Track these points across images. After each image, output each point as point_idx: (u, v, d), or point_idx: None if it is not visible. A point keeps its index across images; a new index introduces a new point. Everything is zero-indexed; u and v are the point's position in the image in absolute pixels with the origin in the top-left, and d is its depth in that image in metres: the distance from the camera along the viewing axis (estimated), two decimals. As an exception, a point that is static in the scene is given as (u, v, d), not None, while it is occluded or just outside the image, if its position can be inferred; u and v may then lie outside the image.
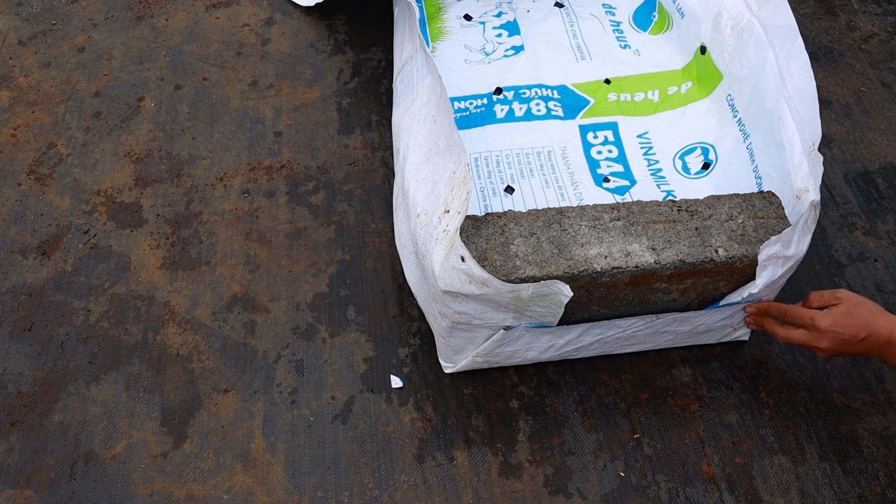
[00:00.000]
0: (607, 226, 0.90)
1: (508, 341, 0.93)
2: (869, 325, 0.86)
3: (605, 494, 0.93)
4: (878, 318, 0.86)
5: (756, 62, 1.05)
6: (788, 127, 0.96)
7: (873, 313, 0.86)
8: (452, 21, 1.32)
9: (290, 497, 0.92)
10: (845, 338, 0.87)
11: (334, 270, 1.12)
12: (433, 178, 0.89)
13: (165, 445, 0.96)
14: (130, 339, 1.05)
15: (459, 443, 0.97)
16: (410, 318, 1.07)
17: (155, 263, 1.13)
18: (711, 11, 1.16)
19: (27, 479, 0.93)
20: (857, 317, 0.86)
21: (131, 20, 1.46)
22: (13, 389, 1.01)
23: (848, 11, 1.50)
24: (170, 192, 1.21)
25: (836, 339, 0.87)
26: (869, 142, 1.29)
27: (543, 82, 1.21)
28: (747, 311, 0.96)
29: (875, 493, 0.93)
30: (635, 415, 0.99)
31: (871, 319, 0.86)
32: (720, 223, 0.91)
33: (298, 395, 1.00)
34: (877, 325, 0.86)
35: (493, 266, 0.85)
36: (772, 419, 0.99)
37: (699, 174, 1.09)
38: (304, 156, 1.26)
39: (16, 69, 1.38)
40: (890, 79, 1.38)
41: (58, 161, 1.25)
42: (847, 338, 0.87)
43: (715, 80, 1.14)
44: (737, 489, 0.93)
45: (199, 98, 1.34)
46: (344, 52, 1.41)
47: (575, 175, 1.09)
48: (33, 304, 1.08)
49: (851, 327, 0.86)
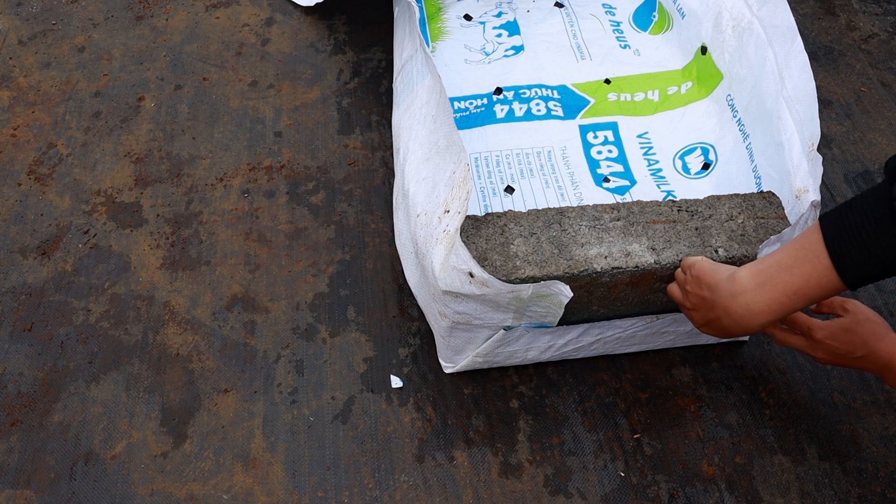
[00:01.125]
0: (607, 226, 0.90)
1: (508, 341, 0.93)
2: (868, 345, 0.82)
3: (605, 494, 0.93)
4: (880, 339, 0.82)
5: (756, 62, 1.05)
6: (788, 127, 0.96)
7: (876, 334, 0.82)
8: (452, 21, 1.32)
9: (290, 497, 0.93)
10: (840, 353, 0.84)
11: (334, 270, 1.12)
12: (433, 178, 0.89)
13: (165, 445, 0.96)
14: (130, 339, 1.05)
15: (459, 443, 0.97)
16: (410, 318, 1.07)
17: (155, 263, 1.13)
18: (712, 12, 1.16)
19: (27, 479, 0.93)
20: (857, 334, 0.83)
21: (131, 20, 1.46)
22: (13, 389, 1.01)
23: (848, 11, 1.50)
24: (170, 192, 1.21)
25: (831, 353, 0.84)
26: (869, 142, 1.29)
27: (543, 82, 1.21)
28: None
29: (875, 493, 0.93)
30: (635, 415, 0.99)
31: (871, 340, 0.82)
32: (720, 223, 0.91)
33: (298, 395, 1.00)
34: (877, 346, 0.82)
35: (494, 266, 0.85)
36: (772, 419, 0.99)
37: (699, 174, 1.09)
38: (304, 156, 1.26)
39: (16, 69, 1.38)
40: (890, 79, 1.38)
41: (58, 161, 1.25)
42: (842, 353, 0.84)
43: (715, 81, 1.14)
44: (737, 489, 0.93)
45: (199, 98, 1.34)
46: (344, 52, 1.41)
47: (575, 175, 1.09)
48: (33, 304, 1.08)
49: (848, 343, 0.83)
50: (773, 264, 0.74)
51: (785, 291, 0.73)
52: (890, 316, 1.09)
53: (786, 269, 0.73)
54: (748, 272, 0.77)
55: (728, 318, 0.78)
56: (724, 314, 0.79)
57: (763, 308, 0.75)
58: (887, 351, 0.81)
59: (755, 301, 0.75)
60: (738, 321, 0.78)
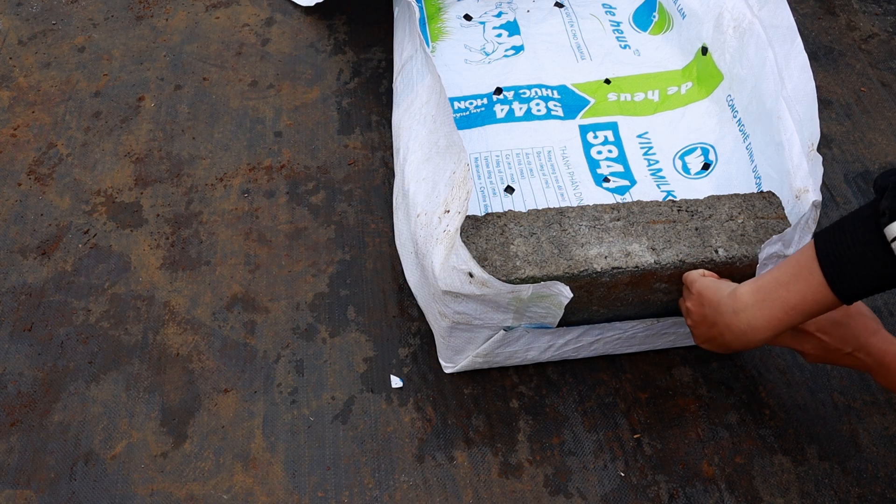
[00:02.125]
0: (607, 226, 0.90)
1: (508, 342, 0.93)
2: (859, 340, 0.81)
3: (605, 494, 0.93)
4: (872, 334, 0.81)
5: (756, 63, 1.05)
6: (788, 127, 0.96)
7: (868, 329, 0.81)
8: (452, 21, 1.32)
9: (290, 497, 0.93)
10: (830, 348, 0.83)
11: (334, 270, 1.12)
12: (433, 178, 0.89)
13: (165, 445, 0.96)
14: (130, 339, 1.05)
15: (459, 443, 0.97)
16: (410, 318, 1.07)
17: (155, 263, 1.13)
18: (713, 12, 1.16)
19: (27, 479, 0.93)
20: (848, 328, 0.82)
21: (131, 20, 1.46)
22: (13, 389, 1.01)
23: (848, 11, 1.50)
24: (170, 192, 1.21)
25: (821, 347, 0.83)
26: (869, 142, 1.29)
27: (543, 82, 1.21)
28: None
29: (875, 493, 0.93)
30: (635, 415, 0.99)
31: (862, 335, 0.81)
32: (720, 223, 0.91)
33: (298, 395, 1.00)
34: (868, 342, 0.81)
35: (494, 266, 0.85)
36: (772, 419, 0.99)
37: (699, 174, 1.09)
38: (304, 156, 1.26)
39: (16, 69, 1.38)
40: (890, 79, 1.38)
41: (58, 161, 1.25)
42: (832, 348, 0.83)
43: (716, 81, 1.14)
44: (737, 489, 0.93)
45: (199, 98, 1.34)
46: (344, 52, 1.41)
47: (575, 175, 1.09)
48: (33, 304, 1.08)
49: (838, 338, 0.82)
50: (772, 280, 0.75)
51: (783, 307, 0.74)
52: (890, 316, 1.09)
53: (783, 286, 0.74)
54: (748, 288, 0.78)
55: (730, 333, 0.79)
56: (727, 330, 0.80)
57: (764, 324, 0.76)
58: (878, 347, 0.81)
59: (756, 317, 0.76)
60: (739, 337, 0.79)
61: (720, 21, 1.14)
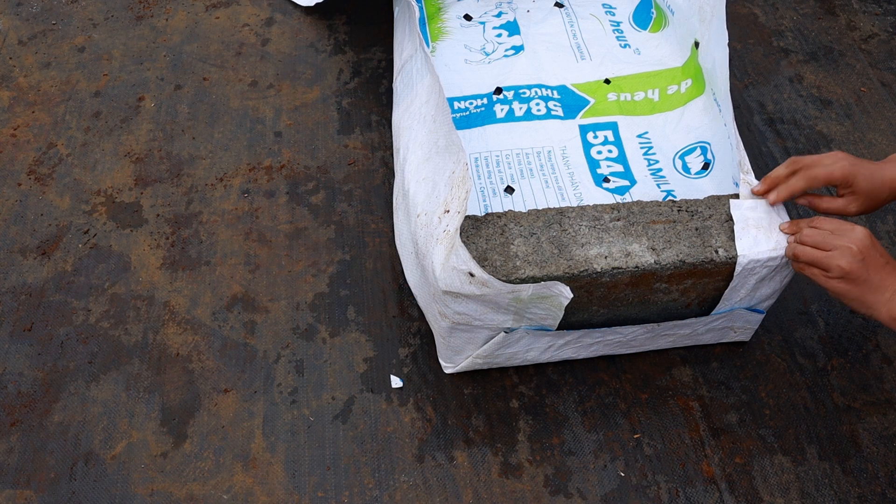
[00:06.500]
0: (607, 226, 0.90)
1: (509, 343, 0.93)
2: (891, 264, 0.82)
3: (605, 494, 0.93)
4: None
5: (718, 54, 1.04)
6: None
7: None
8: (452, 21, 1.32)
9: (290, 497, 0.93)
10: (870, 254, 0.82)
11: (334, 270, 1.12)
12: (433, 177, 0.89)
13: (165, 445, 0.96)
14: (130, 339, 1.05)
15: (459, 443, 0.97)
16: (410, 318, 1.07)
17: (155, 263, 1.13)
18: (695, 6, 1.15)
19: (27, 479, 0.93)
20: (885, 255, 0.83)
21: (131, 20, 1.46)
22: (13, 389, 1.01)
23: (848, 11, 1.50)
24: (170, 192, 1.21)
25: (862, 247, 0.82)
26: (869, 142, 1.29)
27: (543, 82, 1.21)
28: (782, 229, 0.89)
29: (875, 493, 0.93)
30: (635, 415, 0.99)
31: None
32: (720, 223, 0.91)
33: (298, 395, 1.00)
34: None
35: (494, 266, 0.85)
36: (772, 419, 0.99)
37: (699, 174, 1.09)
38: (304, 156, 1.26)
39: (16, 69, 1.38)
40: (890, 79, 1.38)
41: (58, 161, 1.25)
42: (871, 257, 0.82)
43: (703, 77, 1.14)
44: (737, 489, 0.93)
45: (199, 98, 1.34)
46: (344, 52, 1.41)
47: (575, 175, 1.09)
48: (33, 304, 1.08)
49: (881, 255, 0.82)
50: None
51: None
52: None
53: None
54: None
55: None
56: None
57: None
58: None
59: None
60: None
61: (703, 14, 1.13)
